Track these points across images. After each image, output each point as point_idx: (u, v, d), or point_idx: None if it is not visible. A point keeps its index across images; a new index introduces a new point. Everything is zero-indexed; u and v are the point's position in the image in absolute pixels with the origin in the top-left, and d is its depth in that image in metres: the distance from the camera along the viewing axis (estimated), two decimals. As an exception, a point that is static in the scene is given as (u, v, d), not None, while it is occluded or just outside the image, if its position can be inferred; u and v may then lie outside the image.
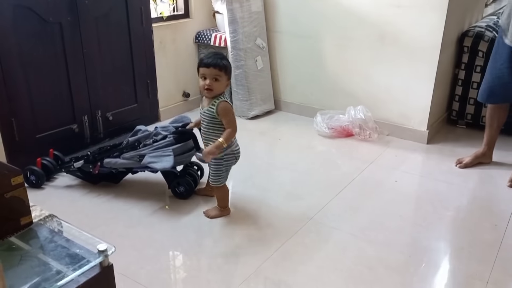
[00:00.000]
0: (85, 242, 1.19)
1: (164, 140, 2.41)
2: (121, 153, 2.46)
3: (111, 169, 2.50)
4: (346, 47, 3.41)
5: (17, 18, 2.52)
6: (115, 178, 2.61)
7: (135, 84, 3.30)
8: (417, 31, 3.08)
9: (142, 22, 3.21)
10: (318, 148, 3.27)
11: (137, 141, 2.50)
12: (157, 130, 2.52)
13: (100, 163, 2.49)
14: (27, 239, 1.24)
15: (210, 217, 2.35)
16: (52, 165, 2.62)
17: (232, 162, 2.29)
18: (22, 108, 2.65)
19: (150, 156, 2.37)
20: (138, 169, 2.49)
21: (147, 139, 2.49)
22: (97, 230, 2.15)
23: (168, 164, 2.32)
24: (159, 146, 2.39)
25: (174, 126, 2.53)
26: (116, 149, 2.52)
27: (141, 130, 2.60)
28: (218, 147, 2.12)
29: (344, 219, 2.37)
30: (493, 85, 2.68)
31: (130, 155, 2.43)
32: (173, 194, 2.52)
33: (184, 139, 2.43)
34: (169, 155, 2.34)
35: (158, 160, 2.35)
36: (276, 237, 2.20)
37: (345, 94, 3.51)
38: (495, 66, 2.66)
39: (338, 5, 3.34)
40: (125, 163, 2.45)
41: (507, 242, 2.19)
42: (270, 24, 3.73)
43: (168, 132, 2.47)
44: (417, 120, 3.27)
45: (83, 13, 2.82)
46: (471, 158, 2.92)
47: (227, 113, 2.14)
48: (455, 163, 2.95)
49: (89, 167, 2.52)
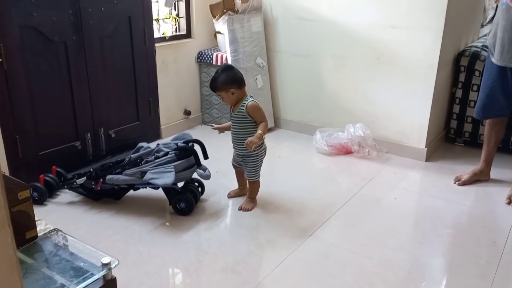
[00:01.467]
0: (89, 256, 1.22)
1: (165, 156, 2.45)
2: (123, 170, 2.50)
3: (113, 186, 2.53)
4: (344, 66, 3.48)
5: (24, 38, 2.58)
6: (116, 195, 2.64)
7: (137, 102, 3.35)
8: (414, 51, 3.14)
9: (145, 42, 3.28)
10: (317, 165, 3.30)
11: (139, 157, 2.53)
12: (159, 147, 2.56)
13: (102, 179, 2.52)
14: (32, 252, 1.26)
15: (249, 210, 2.59)
16: (55, 181, 2.64)
17: (264, 157, 2.58)
18: (26, 125, 2.69)
19: (151, 173, 2.40)
20: (140, 185, 2.52)
21: (149, 155, 2.53)
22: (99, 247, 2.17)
23: (170, 180, 2.35)
24: (160, 162, 2.43)
25: (176, 142, 2.57)
26: (118, 165, 2.55)
27: (143, 147, 2.63)
28: (259, 137, 2.39)
29: (344, 236, 2.39)
30: (486, 102, 2.75)
31: (132, 172, 2.46)
32: (174, 210, 2.54)
33: (186, 156, 2.47)
34: (170, 172, 2.37)
35: (160, 177, 2.38)
36: (276, 254, 2.21)
37: (344, 112, 3.56)
38: (486, 84, 2.73)
39: (336, 25, 3.42)
40: (127, 180, 2.48)
41: (506, 258, 2.20)
42: (270, 43, 3.81)
43: (169, 149, 2.51)
44: (415, 138, 3.31)
45: (87, 33, 2.89)
46: (469, 175, 2.95)
47: (256, 109, 2.44)
48: (453, 180, 2.98)
49: (91, 183, 2.55)
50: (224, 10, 3.54)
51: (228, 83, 2.41)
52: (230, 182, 2.83)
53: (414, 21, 3.09)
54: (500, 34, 2.51)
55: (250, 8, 3.62)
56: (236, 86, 2.43)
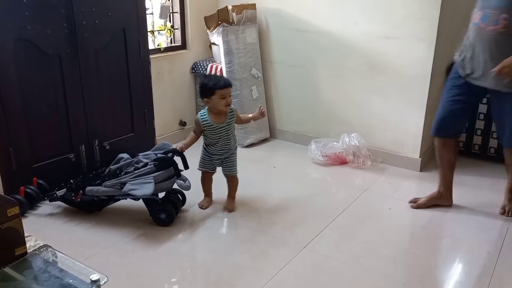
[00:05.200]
0: (79, 272, 1.22)
1: (145, 167, 2.45)
2: (103, 181, 2.50)
3: (93, 197, 2.53)
4: (339, 76, 3.50)
5: (18, 51, 2.59)
6: (97, 206, 2.63)
7: (132, 113, 3.35)
8: (407, 61, 3.17)
9: (140, 54, 3.29)
10: (312, 175, 3.30)
11: (119, 169, 2.54)
12: (139, 158, 2.56)
13: (82, 191, 2.51)
14: (21, 269, 1.26)
15: (234, 210, 2.71)
16: (36, 193, 2.64)
17: None
18: (20, 138, 2.68)
19: (131, 184, 2.41)
20: (120, 196, 2.52)
21: (129, 166, 2.53)
22: (91, 260, 2.17)
23: (149, 191, 2.35)
24: (140, 173, 2.43)
25: (155, 153, 2.57)
26: (99, 177, 2.55)
27: (123, 158, 2.63)
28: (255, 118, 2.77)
29: (338, 247, 2.39)
30: (444, 116, 2.62)
31: (112, 183, 2.46)
32: (154, 221, 2.54)
33: (165, 166, 2.47)
34: (149, 183, 2.37)
35: (139, 188, 2.38)
36: (270, 265, 2.21)
37: (338, 122, 3.57)
38: (447, 98, 2.61)
39: (330, 36, 3.44)
40: (106, 191, 2.48)
41: (499, 269, 2.20)
42: (265, 54, 3.83)
43: (149, 160, 2.50)
44: (410, 147, 3.32)
45: (82, 45, 2.90)
46: (426, 199, 2.81)
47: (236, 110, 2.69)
48: (409, 201, 2.84)
49: (71, 195, 2.54)
50: (218, 21, 3.56)
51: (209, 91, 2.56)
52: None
53: (408, 31, 3.11)
54: (473, 54, 2.44)
55: (245, 20, 3.64)
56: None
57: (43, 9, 2.65)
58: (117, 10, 3.06)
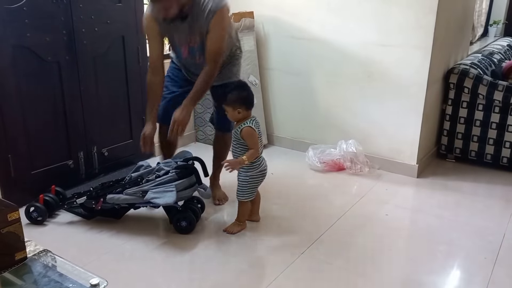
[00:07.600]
0: (78, 277, 1.22)
1: (166, 175, 2.45)
2: (123, 189, 2.48)
3: (113, 205, 2.51)
4: (336, 83, 3.52)
5: (16, 58, 2.60)
6: (117, 214, 2.62)
7: (130, 120, 3.36)
8: (403, 68, 3.20)
9: (138, 61, 3.31)
10: (310, 182, 3.32)
11: (140, 176, 2.52)
12: (160, 166, 2.55)
13: (103, 199, 2.50)
14: (21, 274, 1.26)
15: (233, 233, 2.53)
16: (54, 201, 2.61)
17: (260, 180, 2.53)
18: (19, 144, 2.69)
19: (152, 192, 2.40)
20: (141, 204, 2.51)
21: (150, 174, 2.52)
22: (90, 266, 2.16)
23: (171, 199, 2.35)
24: (161, 181, 2.42)
25: (176, 161, 2.57)
26: (119, 184, 2.53)
27: (143, 165, 2.63)
28: (239, 162, 2.40)
29: (336, 253, 2.39)
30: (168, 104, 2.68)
31: (133, 191, 2.45)
32: (175, 229, 2.53)
33: (187, 174, 2.47)
34: (171, 191, 2.36)
35: (161, 196, 2.37)
36: (267, 272, 2.22)
37: (336, 128, 3.59)
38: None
39: (327, 44, 3.47)
40: (128, 199, 2.46)
41: (496, 274, 2.21)
42: (262, 62, 3.86)
43: (170, 168, 2.50)
44: (406, 154, 3.34)
45: (81, 52, 2.92)
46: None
47: (248, 136, 2.41)
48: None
49: (92, 203, 2.52)
50: (216, 29, 3.59)
51: (238, 102, 2.40)
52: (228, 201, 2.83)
53: (404, 39, 3.14)
54: None
55: (243, 27, 3.67)
56: (245, 108, 2.42)
57: (43, 16, 2.67)
58: (116, 18, 3.08)
